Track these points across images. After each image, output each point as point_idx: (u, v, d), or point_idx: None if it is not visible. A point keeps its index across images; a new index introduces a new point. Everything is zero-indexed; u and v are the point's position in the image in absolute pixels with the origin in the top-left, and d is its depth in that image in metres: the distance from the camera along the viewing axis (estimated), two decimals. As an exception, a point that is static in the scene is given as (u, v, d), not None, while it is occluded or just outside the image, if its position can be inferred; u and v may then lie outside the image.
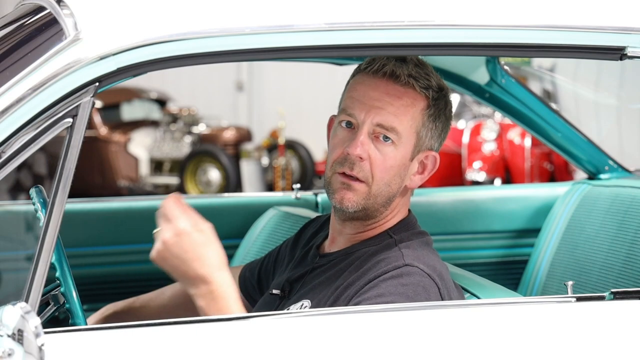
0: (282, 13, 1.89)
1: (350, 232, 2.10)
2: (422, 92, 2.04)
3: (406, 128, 2.03)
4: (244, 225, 2.96)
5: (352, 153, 2.01)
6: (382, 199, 2.04)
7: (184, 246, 1.83)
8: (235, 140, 11.05)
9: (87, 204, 3.03)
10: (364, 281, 1.97)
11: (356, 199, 2.03)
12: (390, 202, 2.07)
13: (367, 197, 2.03)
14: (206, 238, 1.85)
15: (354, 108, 2.03)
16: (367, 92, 2.04)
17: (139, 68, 1.80)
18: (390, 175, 2.03)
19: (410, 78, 2.03)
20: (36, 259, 1.70)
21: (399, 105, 2.02)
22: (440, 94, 2.07)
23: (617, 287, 2.46)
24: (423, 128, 2.06)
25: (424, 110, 2.05)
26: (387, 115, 2.01)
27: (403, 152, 2.04)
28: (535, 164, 8.71)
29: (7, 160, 1.73)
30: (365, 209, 2.04)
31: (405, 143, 2.03)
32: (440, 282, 1.97)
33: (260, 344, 1.78)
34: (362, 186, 2.02)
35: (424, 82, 2.04)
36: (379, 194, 2.03)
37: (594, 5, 2.08)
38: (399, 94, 2.03)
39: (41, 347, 1.56)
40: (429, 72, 2.07)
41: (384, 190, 2.04)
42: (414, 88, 2.03)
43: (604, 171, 3.08)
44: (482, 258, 3.17)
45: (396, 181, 2.05)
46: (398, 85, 2.03)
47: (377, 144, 2.02)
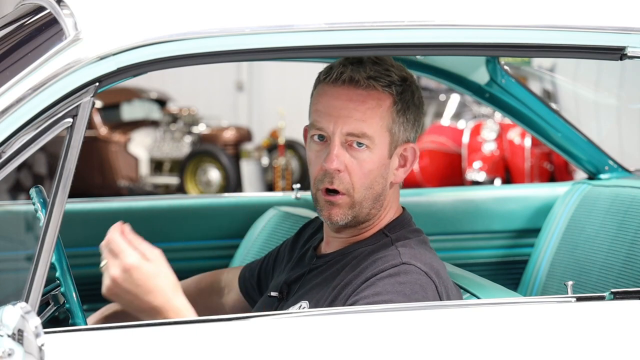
0: (282, 13, 1.89)
1: (345, 236, 2.10)
2: (385, 90, 2.02)
3: (377, 130, 2.02)
4: (244, 225, 2.96)
5: (330, 168, 2.01)
6: (369, 202, 2.04)
7: (135, 280, 1.81)
8: (235, 140, 11.06)
9: (87, 204, 3.03)
10: (361, 280, 1.97)
11: (343, 212, 2.03)
12: (378, 201, 2.06)
13: (352, 206, 2.03)
14: (155, 267, 1.82)
15: (322, 121, 2.02)
16: (330, 103, 2.02)
17: (139, 68, 1.80)
18: (370, 179, 2.03)
19: (370, 80, 2.01)
20: (36, 259, 1.70)
21: (365, 109, 2.01)
22: (405, 85, 2.05)
23: (617, 287, 2.46)
24: (394, 124, 2.04)
25: (390, 107, 2.03)
26: (354, 122, 2.00)
27: (379, 153, 2.03)
28: (535, 164, 8.71)
29: (7, 160, 1.73)
30: (355, 217, 2.05)
31: (379, 144, 2.02)
32: (438, 280, 1.97)
33: (260, 344, 1.78)
34: (345, 198, 2.02)
35: (385, 79, 2.02)
36: (363, 199, 2.03)
37: (594, 5, 2.08)
38: (362, 98, 2.01)
39: (41, 347, 1.56)
40: (389, 67, 2.04)
41: (367, 194, 2.03)
42: (376, 89, 2.02)
43: (604, 171, 3.08)
44: (482, 258, 3.17)
45: (379, 182, 2.04)
46: (360, 89, 2.01)
47: (352, 152, 2.01)
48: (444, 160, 9.07)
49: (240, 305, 2.34)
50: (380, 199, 2.06)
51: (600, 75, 7.44)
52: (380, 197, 2.06)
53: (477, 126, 9.06)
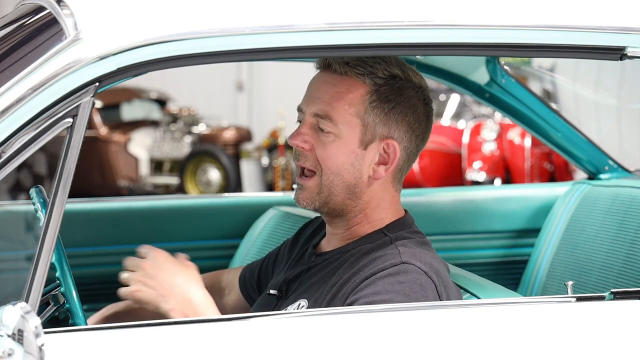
0: (282, 13, 1.89)
1: (339, 232, 2.10)
2: (359, 78, 2.03)
3: (342, 115, 2.03)
4: (244, 225, 2.96)
5: (291, 142, 2.07)
6: (339, 189, 2.04)
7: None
8: (235, 140, 11.06)
9: (87, 204, 3.03)
10: (361, 278, 1.97)
11: (309, 195, 2.06)
12: (355, 194, 2.05)
13: (319, 191, 2.05)
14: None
15: (302, 102, 2.09)
16: (310, 86, 2.09)
17: (139, 68, 1.80)
18: (337, 164, 2.03)
19: (346, 66, 2.04)
20: (36, 259, 1.70)
21: (333, 92, 2.04)
22: (391, 80, 2.04)
23: (617, 287, 2.46)
24: (367, 115, 2.03)
25: (363, 96, 2.03)
26: (321, 103, 2.04)
27: (347, 140, 2.03)
28: (535, 164, 8.72)
29: (7, 160, 1.73)
30: (326, 203, 2.06)
31: (346, 130, 2.03)
32: (438, 279, 1.97)
33: (260, 344, 1.78)
34: (312, 180, 2.05)
35: (363, 69, 2.03)
36: (331, 184, 2.04)
37: (594, 5, 2.08)
38: (333, 82, 2.05)
39: (41, 347, 1.56)
40: (380, 61, 2.05)
41: (335, 180, 2.04)
42: (349, 75, 2.04)
43: (604, 171, 3.08)
44: (482, 258, 3.17)
45: (348, 170, 2.04)
46: (334, 74, 2.05)
47: (320, 134, 2.05)
48: (444, 160, 9.08)
49: (240, 306, 2.34)
50: (357, 192, 2.05)
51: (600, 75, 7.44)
52: (355, 188, 2.05)
53: (477, 126, 9.07)
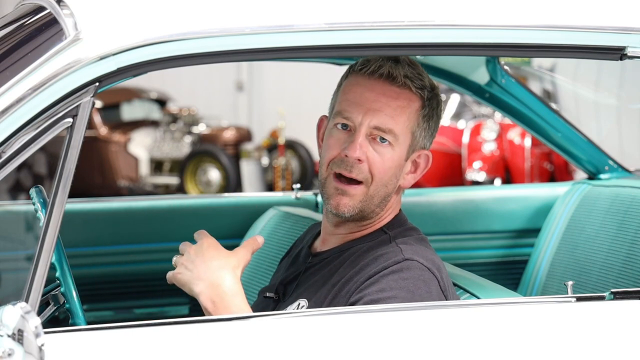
0: (282, 13, 1.89)
1: (344, 233, 2.10)
2: (418, 92, 2.05)
3: (402, 129, 2.03)
4: (244, 225, 2.96)
5: (352, 156, 2.01)
6: (378, 199, 2.05)
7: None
8: (235, 140, 11.06)
9: (87, 204, 3.03)
10: (364, 277, 1.97)
11: (352, 203, 2.03)
12: (385, 201, 2.07)
13: (363, 200, 2.04)
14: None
15: (351, 111, 2.03)
16: (363, 94, 2.04)
17: (139, 68, 1.80)
18: (388, 176, 2.04)
19: (407, 79, 2.04)
20: (36, 259, 1.70)
21: (396, 106, 2.03)
22: (433, 93, 2.09)
23: (617, 287, 2.46)
24: (418, 128, 2.06)
25: (419, 110, 2.06)
26: (384, 117, 2.02)
27: (399, 153, 2.04)
28: (535, 164, 8.71)
29: (7, 160, 1.73)
30: (362, 211, 2.05)
31: (401, 144, 2.04)
32: (440, 275, 1.98)
33: (260, 344, 1.78)
34: (360, 188, 2.03)
35: (419, 82, 2.05)
36: (375, 194, 2.04)
37: (594, 5, 2.08)
38: (395, 95, 2.03)
39: (41, 347, 1.56)
40: (421, 72, 2.08)
41: (381, 191, 2.04)
42: (410, 89, 2.04)
43: (604, 171, 3.08)
44: (482, 258, 3.17)
45: (392, 182, 2.06)
46: (394, 86, 2.03)
47: (375, 145, 2.02)
48: (444, 160, 9.07)
49: None
50: (387, 199, 2.07)
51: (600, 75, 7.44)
52: (389, 197, 2.07)
53: (477, 126, 9.06)
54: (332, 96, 2.13)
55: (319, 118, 2.16)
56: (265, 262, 2.69)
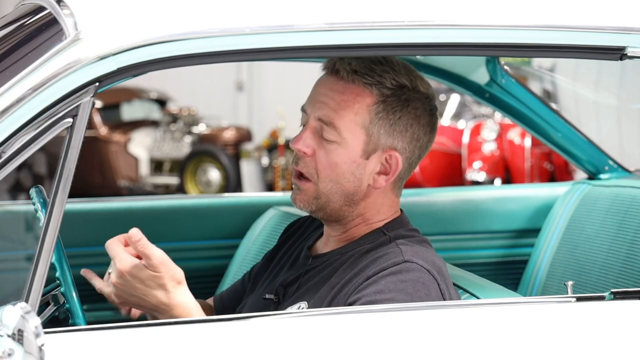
0: (282, 13, 1.89)
1: (337, 234, 2.10)
2: (367, 88, 2.02)
3: (347, 124, 2.01)
4: (244, 225, 2.96)
5: (293, 147, 2.04)
6: (337, 196, 2.04)
7: (130, 283, 1.93)
8: (235, 140, 11.06)
9: (87, 204, 3.03)
10: (363, 278, 1.97)
11: (306, 198, 2.05)
12: (353, 201, 2.05)
13: (317, 197, 2.04)
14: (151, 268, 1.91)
15: (306, 104, 2.07)
16: (316, 89, 2.07)
17: (139, 68, 1.80)
18: (336, 173, 2.02)
19: (353, 74, 2.02)
20: (36, 259, 1.70)
21: (340, 100, 2.02)
22: (398, 91, 2.03)
23: (617, 287, 2.46)
24: (373, 125, 2.02)
25: (370, 106, 2.02)
26: (327, 109, 2.02)
27: (350, 149, 2.02)
28: (535, 164, 8.72)
29: (7, 160, 1.73)
30: (322, 208, 2.05)
31: (350, 140, 2.02)
32: (440, 277, 1.97)
33: (260, 344, 1.78)
34: (309, 185, 2.04)
35: (372, 78, 2.01)
36: (329, 192, 2.03)
37: (594, 5, 2.08)
38: (341, 89, 2.02)
39: (41, 347, 1.56)
40: (388, 69, 2.03)
41: (334, 188, 2.03)
42: (356, 84, 2.02)
43: (604, 171, 3.08)
44: (482, 258, 3.17)
45: (348, 179, 2.03)
46: (341, 81, 2.03)
47: (322, 141, 2.03)
48: (444, 160, 9.08)
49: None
50: (355, 199, 2.04)
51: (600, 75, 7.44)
52: (354, 196, 2.04)
53: (477, 126, 9.07)
54: None
55: None
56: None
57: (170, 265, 1.91)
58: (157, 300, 1.91)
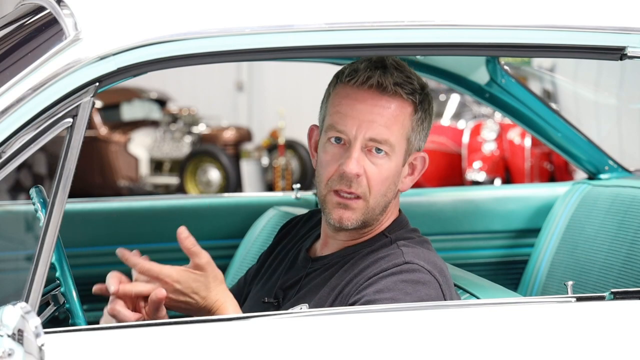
0: (282, 13, 1.89)
1: (344, 239, 2.10)
2: (409, 98, 2.03)
3: (397, 137, 2.02)
4: (244, 225, 2.96)
5: (350, 172, 1.98)
6: (380, 209, 2.04)
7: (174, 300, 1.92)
8: (235, 140, 11.06)
9: (87, 204, 3.03)
10: (364, 279, 1.97)
11: (355, 216, 2.02)
12: (386, 208, 2.06)
13: (365, 212, 2.02)
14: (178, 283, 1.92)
15: (344, 124, 2.00)
16: (355, 106, 2.01)
17: (139, 68, 1.80)
18: (386, 186, 2.03)
19: (397, 86, 2.01)
20: (36, 259, 1.70)
21: (389, 116, 2.01)
22: (424, 93, 2.06)
23: (617, 287, 2.46)
24: (412, 133, 2.05)
25: (412, 115, 2.04)
26: (378, 127, 2.00)
27: (396, 161, 2.03)
28: (535, 164, 8.71)
29: (7, 160, 1.73)
30: (365, 222, 2.04)
31: (397, 152, 2.03)
32: (442, 278, 1.97)
33: (260, 344, 1.78)
34: (360, 202, 2.01)
35: (409, 87, 2.02)
36: (376, 205, 2.03)
37: (594, 5, 2.08)
38: (387, 104, 2.01)
39: (41, 347, 1.56)
40: (410, 74, 2.05)
41: (381, 201, 2.03)
42: (401, 96, 2.02)
43: (604, 171, 3.08)
44: (482, 258, 3.17)
45: (391, 189, 2.05)
46: (386, 95, 2.01)
47: (371, 157, 2.00)
48: (444, 160, 9.07)
49: None
50: (388, 206, 2.06)
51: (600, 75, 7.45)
52: (389, 203, 2.06)
53: (477, 126, 9.06)
54: (321, 106, 2.09)
55: (309, 127, 2.12)
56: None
57: (214, 266, 1.93)
58: (202, 300, 1.91)
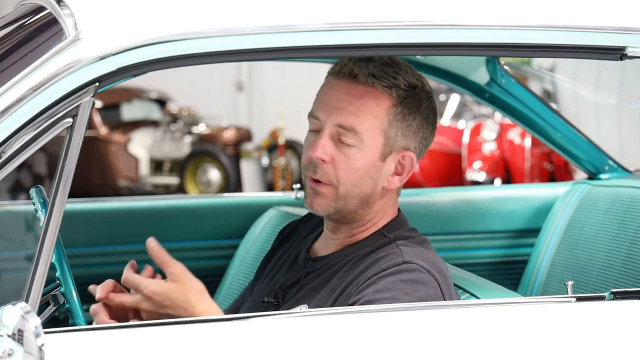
0: (282, 13, 1.89)
1: (341, 237, 2.10)
2: (385, 91, 2.02)
3: (368, 128, 2.01)
4: (244, 225, 2.96)
5: (313, 155, 2.01)
6: (355, 199, 2.03)
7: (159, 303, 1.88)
8: (235, 140, 11.06)
9: (87, 204, 3.03)
10: (363, 279, 1.97)
11: (325, 202, 2.03)
12: (368, 204, 2.05)
13: (336, 199, 2.02)
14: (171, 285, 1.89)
15: (317, 109, 2.04)
16: (328, 93, 2.04)
17: (139, 68, 1.80)
18: (356, 177, 2.02)
19: (371, 77, 2.01)
20: (36, 259, 1.70)
21: (359, 104, 2.01)
22: (412, 92, 2.04)
23: (617, 287, 2.46)
24: (391, 127, 2.02)
25: (388, 109, 2.02)
26: (346, 115, 2.00)
27: (369, 153, 2.02)
28: (535, 164, 8.72)
29: (7, 160, 1.73)
30: (339, 211, 2.04)
31: (369, 143, 2.01)
32: (441, 278, 1.97)
33: (261, 344, 1.78)
34: (329, 189, 2.02)
35: (388, 81, 2.01)
36: (348, 195, 2.02)
37: (594, 5, 2.08)
38: (359, 93, 2.01)
39: (41, 347, 1.56)
40: (399, 70, 2.03)
41: (353, 191, 2.02)
42: (375, 87, 2.01)
43: (604, 171, 3.08)
44: (482, 258, 3.17)
45: (366, 182, 2.03)
46: (359, 85, 2.01)
47: (340, 146, 2.01)
48: (444, 160, 9.07)
49: None
50: (370, 202, 2.05)
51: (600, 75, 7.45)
52: (369, 199, 2.04)
53: (477, 126, 9.07)
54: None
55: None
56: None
57: (189, 276, 1.90)
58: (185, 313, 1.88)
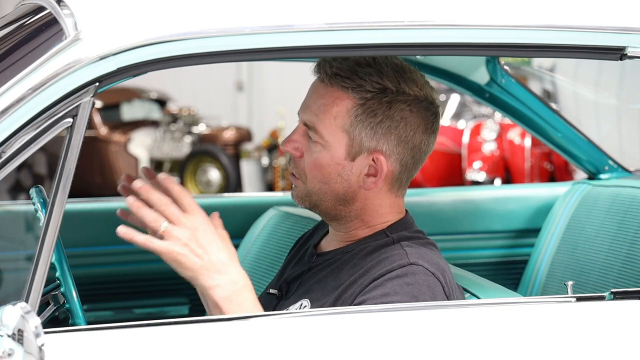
0: (282, 13, 1.89)
1: (340, 233, 2.10)
2: (345, 91, 2.01)
3: (328, 127, 2.02)
4: (244, 225, 2.96)
5: (283, 148, 2.08)
6: (328, 196, 2.04)
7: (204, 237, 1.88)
8: (235, 140, 11.07)
9: (87, 204, 3.03)
10: (368, 280, 1.96)
11: (298, 195, 2.09)
12: (346, 201, 2.05)
13: (308, 194, 2.07)
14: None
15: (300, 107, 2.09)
16: (307, 91, 2.08)
17: (139, 68, 1.80)
18: (322, 174, 2.03)
19: (333, 77, 2.01)
20: (36, 259, 1.70)
21: (320, 104, 2.03)
22: (380, 94, 2.01)
23: (617, 287, 2.46)
24: (353, 128, 2.01)
25: (349, 109, 2.01)
26: (310, 113, 2.04)
27: (332, 152, 2.02)
28: (535, 164, 8.72)
29: (7, 160, 1.73)
30: (317, 206, 2.07)
31: (332, 142, 2.02)
32: (444, 280, 1.97)
33: (261, 344, 1.78)
34: (299, 182, 2.08)
35: (351, 82, 2.00)
36: (319, 191, 2.04)
37: (594, 5, 2.08)
38: (323, 92, 2.03)
39: (41, 347, 1.56)
40: (373, 72, 2.01)
41: (323, 188, 2.04)
42: (334, 87, 2.02)
43: (604, 171, 3.08)
44: (482, 258, 3.17)
45: (335, 180, 2.03)
46: (322, 84, 2.04)
47: (309, 144, 2.05)
48: (444, 160, 9.08)
49: None
50: (347, 199, 2.04)
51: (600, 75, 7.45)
52: (345, 196, 2.04)
53: (477, 126, 9.07)
54: None
55: None
56: (265, 262, 2.70)
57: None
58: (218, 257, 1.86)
